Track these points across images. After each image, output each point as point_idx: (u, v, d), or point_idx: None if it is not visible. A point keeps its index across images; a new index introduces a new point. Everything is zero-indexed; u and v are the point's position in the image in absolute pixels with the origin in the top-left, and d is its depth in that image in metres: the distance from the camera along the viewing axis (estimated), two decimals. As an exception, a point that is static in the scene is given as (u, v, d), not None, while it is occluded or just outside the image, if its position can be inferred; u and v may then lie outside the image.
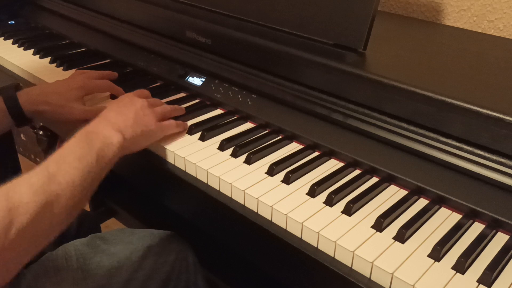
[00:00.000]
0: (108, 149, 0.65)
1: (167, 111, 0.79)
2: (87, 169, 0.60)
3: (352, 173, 0.70)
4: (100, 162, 0.63)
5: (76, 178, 0.59)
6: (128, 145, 0.69)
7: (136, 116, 0.72)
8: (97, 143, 0.64)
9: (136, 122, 0.71)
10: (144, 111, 0.73)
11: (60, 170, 0.58)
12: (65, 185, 0.57)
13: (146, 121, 0.72)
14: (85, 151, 0.62)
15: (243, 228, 0.67)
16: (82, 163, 0.60)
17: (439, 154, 0.65)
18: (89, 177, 0.60)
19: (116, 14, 1.10)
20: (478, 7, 1.00)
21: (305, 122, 0.77)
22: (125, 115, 0.71)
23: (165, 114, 0.78)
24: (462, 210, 0.62)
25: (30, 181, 0.54)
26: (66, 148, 0.62)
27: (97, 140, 0.65)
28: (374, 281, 0.55)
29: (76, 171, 0.59)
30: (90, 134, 0.65)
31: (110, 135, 0.66)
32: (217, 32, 0.89)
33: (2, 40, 1.21)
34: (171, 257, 0.80)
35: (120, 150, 0.67)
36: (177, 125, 0.78)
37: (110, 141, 0.66)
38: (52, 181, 0.56)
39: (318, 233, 0.58)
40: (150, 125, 0.73)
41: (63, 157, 0.60)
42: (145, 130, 0.72)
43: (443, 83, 0.69)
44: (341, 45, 0.77)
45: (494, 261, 0.55)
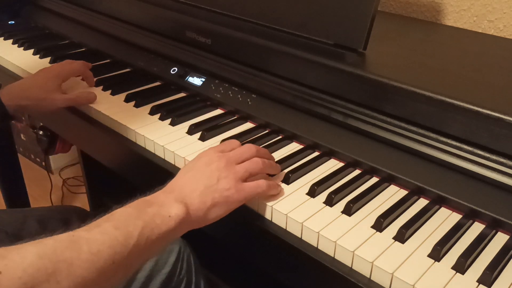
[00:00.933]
0: (163, 222, 0.53)
1: (257, 167, 0.63)
2: (123, 240, 0.49)
3: (352, 173, 0.70)
4: (146, 235, 0.51)
5: (104, 249, 0.47)
6: (195, 218, 0.57)
7: (208, 181, 0.59)
8: (149, 212, 0.53)
9: (207, 188, 0.58)
10: (221, 173, 0.60)
11: (88, 236, 0.47)
12: (87, 254, 0.46)
13: (221, 187, 0.59)
14: (129, 218, 0.51)
15: (243, 228, 0.67)
16: (120, 231, 0.49)
17: (439, 154, 0.65)
18: (124, 251, 0.48)
19: (116, 14, 1.10)
20: (478, 7, 1.00)
21: (305, 122, 0.77)
22: (195, 182, 0.59)
23: (252, 173, 0.63)
24: (462, 210, 0.62)
25: (44, 242, 0.45)
26: (111, 213, 0.52)
27: (150, 208, 0.53)
28: (374, 281, 0.55)
29: (108, 239, 0.48)
30: (145, 201, 0.55)
31: (169, 206, 0.55)
32: (217, 32, 0.89)
33: (2, 40, 1.21)
34: (171, 257, 0.80)
35: (180, 225, 0.54)
36: (268, 186, 0.62)
37: (167, 213, 0.54)
38: (71, 247, 0.45)
39: (318, 233, 0.58)
40: (227, 190, 0.59)
41: (100, 222, 0.50)
42: (218, 200, 0.58)
43: (443, 83, 0.69)
44: (341, 45, 0.76)
45: (494, 261, 0.55)
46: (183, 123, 0.83)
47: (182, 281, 0.81)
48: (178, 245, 0.82)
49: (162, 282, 0.78)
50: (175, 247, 0.82)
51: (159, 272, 0.78)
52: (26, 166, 1.89)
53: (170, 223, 0.53)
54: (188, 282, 0.82)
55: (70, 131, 1.02)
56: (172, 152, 0.75)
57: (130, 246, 0.49)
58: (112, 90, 0.93)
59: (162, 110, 0.85)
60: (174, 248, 0.82)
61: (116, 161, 0.91)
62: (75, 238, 0.47)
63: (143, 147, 0.80)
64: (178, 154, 0.74)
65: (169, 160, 0.76)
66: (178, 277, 0.81)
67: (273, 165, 0.67)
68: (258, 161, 0.64)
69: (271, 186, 0.63)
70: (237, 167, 0.61)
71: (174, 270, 0.80)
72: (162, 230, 0.53)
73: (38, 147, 1.65)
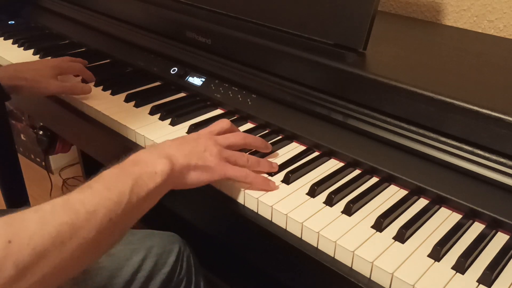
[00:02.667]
0: (149, 178, 0.55)
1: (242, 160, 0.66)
2: (116, 199, 0.51)
3: (352, 173, 0.70)
4: (136, 193, 0.53)
5: (100, 208, 0.49)
6: (177, 176, 0.59)
7: (194, 148, 0.62)
8: (136, 170, 0.55)
9: (192, 153, 0.61)
10: (208, 146, 0.63)
11: (81, 197, 0.49)
12: (84, 215, 0.48)
13: (205, 156, 0.62)
14: (118, 178, 0.53)
15: (243, 228, 0.67)
16: (111, 191, 0.51)
17: (439, 154, 0.65)
18: (118, 209, 0.51)
19: (116, 14, 1.10)
20: (478, 7, 1.00)
21: (305, 122, 0.77)
22: (181, 145, 0.62)
23: (237, 161, 0.65)
24: (462, 210, 0.62)
25: (43, 208, 0.47)
26: (99, 175, 0.54)
27: (137, 167, 0.56)
28: (374, 281, 0.55)
29: (102, 200, 0.50)
30: (130, 161, 0.57)
31: (154, 162, 0.57)
32: (217, 32, 0.89)
33: (2, 40, 1.21)
34: (171, 258, 0.80)
35: (165, 181, 0.57)
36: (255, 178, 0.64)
37: (153, 169, 0.56)
38: (68, 209, 0.47)
39: (318, 233, 0.58)
40: (209, 161, 0.62)
41: (91, 183, 0.52)
42: (200, 164, 0.61)
43: (443, 83, 0.69)
44: (341, 45, 0.76)
45: (494, 261, 0.55)
46: (183, 123, 0.83)
47: (182, 281, 0.81)
48: (178, 245, 0.82)
49: (162, 282, 0.78)
50: (175, 247, 0.82)
51: (159, 272, 0.79)
52: (26, 166, 1.89)
53: (156, 179, 0.56)
54: (188, 282, 0.82)
55: (70, 131, 1.02)
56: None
57: (123, 204, 0.52)
58: (112, 90, 0.93)
59: (162, 110, 0.85)
60: (174, 248, 0.82)
61: (116, 161, 0.91)
62: (70, 201, 0.49)
63: (143, 147, 0.80)
64: (178, 154, 0.74)
65: (169, 160, 0.76)
66: (178, 277, 0.81)
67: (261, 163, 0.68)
68: (244, 155, 0.67)
69: (252, 178, 0.64)
70: (224, 149, 0.65)
71: (174, 270, 0.80)
72: (150, 186, 0.55)
73: (38, 147, 1.65)
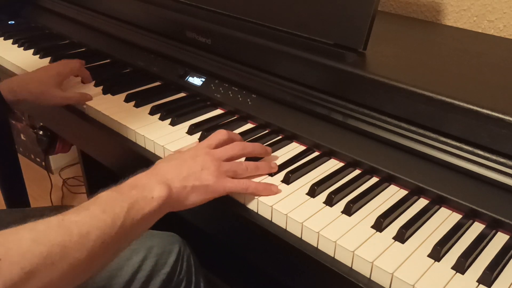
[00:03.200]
0: (146, 203, 0.56)
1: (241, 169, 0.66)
2: (110, 221, 0.51)
3: (352, 173, 0.70)
4: (131, 216, 0.54)
5: (93, 231, 0.49)
6: (175, 200, 0.60)
7: (191, 168, 0.62)
8: (133, 194, 0.55)
9: (189, 174, 0.61)
10: (205, 164, 0.63)
11: (76, 219, 0.49)
12: (77, 236, 0.48)
13: (202, 175, 0.62)
14: (115, 201, 0.54)
15: (243, 228, 0.67)
16: (106, 214, 0.52)
17: (439, 154, 0.65)
18: (112, 232, 0.51)
19: (116, 14, 1.10)
20: (478, 7, 1.00)
21: (305, 122, 0.77)
22: (179, 167, 0.62)
23: (236, 173, 0.65)
24: (462, 210, 0.62)
25: (37, 228, 0.47)
26: (96, 196, 0.54)
27: (134, 191, 0.56)
28: (374, 281, 0.55)
29: (96, 222, 0.50)
30: (128, 185, 0.58)
31: (152, 187, 0.57)
32: (217, 32, 0.89)
33: (2, 40, 1.21)
34: (171, 258, 0.80)
35: (161, 206, 0.57)
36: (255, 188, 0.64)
37: (150, 194, 0.56)
38: (62, 230, 0.48)
39: (318, 233, 0.58)
40: (206, 181, 0.62)
41: (87, 204, 0.52)
42: (197, 185, 0.61)
43: (443, 83, 0.69)
44: (341, 45, 0.76)
45: (494, 261, 0.55)
46: (183, 123, 0.83)
47: (182, 281, 0.82)
48: (178, 245, 0.82)
49: (162, 282, 0.78)
50: (175, 247, 0.82)
51: (159, 272, 0.79)
52: (26, 166, 1.89)
53: (153, 204, 0.56)
54: (188, 282, 0.82)
55: (70, 131, 1.02)
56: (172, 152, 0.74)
57: (117, 227, 0.52)
58: (112, 90, 0.93)
59: (162, 110, 0.85)
60: (174, 248, 0.82)
61: (116, 161, 0.91)
62: (65, 222, 0.49)
63: (143, 147, 0.80)
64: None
65: (169, 160, 0.76)
66: (178, 277, 0.81)
67: (260, 167, 0.68)
68: (242, 164, 0.66)
69: (253, 188, 0.64)
70: (222, 163, 0.65)
71: (174, 270, 0.80)
72: (145, 211, 0.56)
73: (38, 147, 1.65)
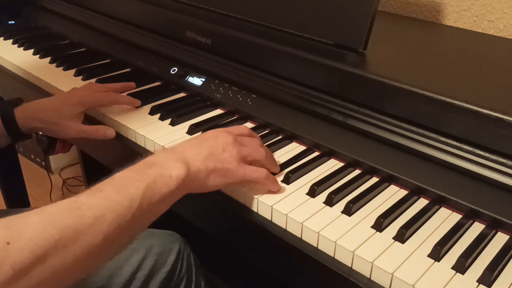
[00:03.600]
0: (163, 183, 0.53)
1: (260, 156, 0.64)
2: (126, 203, 0.49)
3: (352, 173, 0.70)
4: (148, 198, 0.51)
5: (108, 213, 0.47)
6: (193, 181, 0.57)
7: (213, 149, 0.59)
8: (151, 173, 0.52)
9: (211, 155, 0.59)
10: (227, 146, 0.61)
11: (90, 200, 0.47)
12: (91, 219, 0.46)
13: (224, 157, 0.59)
14: (130, 181, 0.51)
15: (243, 228, 0.67)
16: (122, 195, 0.49)
17: (439, 154, 0.65)
18: (128, 214, 0.48)
19: (116, 14, 1.10)
20: (478, 7, 1.00)
21: (305, 122, 0.77)
22: (200, 147, 0.59)
23: (254, 158, 0.64)
24: (462, 210, 0.62)
25: (46, 210, 0.45)
26: (111, 177, 0.52)
27: (151, 169, 0.53)
28: (374, 281, 0.55)
29: (111, 204, 0.48)
30: (146, 163, 0.55)
31: (170, 166, 0.54)
32: (217, 32, 0.89)
33: (2, 40, 1.21)
34: (171, 257, 0.80)
35: (180, 186, 0.54)
36: (267, 176, 0.62)
37: (168, 173, 0.53)
38: (74, 212, 0.45)
39: (318, 233, 0.58)
40: (228, 163, 0.59)
41: (101, 186, 0.50)
42: (219, 167, 0.59)
43: (443, 83, 0.69)
44: (341, 45, 0.76)
45: (494, 261, 0.55)
46: (183, 123, 0.83)
47: (182, 280, 0.82)
48: (178, 244, 0.82)
49: (162, 281, 0.79)
50: (175, 246, 0.82)
51: (159, 271, 0.79)
52: (26, 166, 1.89)
53: (171, 184, 0.53)
54: (188, 281, 0.82)
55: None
56: (172, 152, 0.74)
57: (134, 209, 0.49)
58: (112, 90, 0.93)
59: (162, 110, 0.85)
60: (174, 247, 0.82)
61: (116, 161, 0.91)
62: (78, 204, 0.47)
63: (143, 147, 0.80)
64: (178, 154, 0.74)
65: (169, 160, 0.76)
66: (178, 276, 0.81)
67: (274, 161, 0.68)
68: (262, 150, 0.65)
69: (270, 179, 0.63)
70: (242, 147, 0.63)
71: (174, 269, 0.80)
72: (163, 191, 0.53)
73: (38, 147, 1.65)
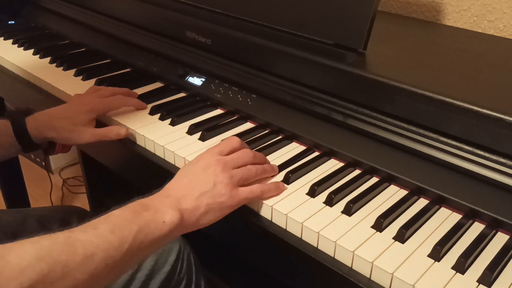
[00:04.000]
0: (157, 227, 0.54)
1: (250, 175, 0.64)
2: (117, 244, 0.50)
3: (352, 173, 0.70)
4: (139, 240, 0.52)
5: (98, 252, 0.48)
6: (188, 224, 0.58)
7: (204, 187, 0.59)
8: (145, 216, 0.54)
9: (203, 194, 0.59)
10: (217, 177, 0.60)
11: (83, 238, 0.48)
12: (81, 257, 0.47)
13: (216, 191, 0.60)
14: (125, 222, 0.52)
15: (243, 228, 0.67)
16: (114, 234, 0.50)
17: (439, 154, 0.65)
18: (117, 255, 0.50)
19: (116, 14, 1.10)
20: (478, 7, 1.00)
21: (305, 122, 0.77)
22: (190, 187, 0.59)
23: (248, 179, 0.63)
24: (462, 210, 0.62)
25: (41, 242, 0.46)
26: (108, 214, 0.53)
27: (146, 213, 0.54)
28: (374, 281, 0.55)
29: (103, 243, 0.49)
30: (141, 205, 0.56)
31: (164, 211, 0.56)
32: (217, 32, 0.89)
33: (2, 40, 1.21)
34: (171, 257, 0.80)
35: (172, 230, 0.56)
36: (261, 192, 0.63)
37: (162, 218, 0.55)
38: (67, 248, 0.46)
39: (318, 233, 0.58)
40: (221, 196, 0.60)
41: (97, 223, 0.51)
42: (211, 204, 0.59)
43: (443, 83, 0.69)
44: (341, 45, 0.76)
45: (494, 261, 0.55)
46: (183, 123, 0.83)
47: (182, 280, 0.82)
48: (178, 244, 0.82)
49: (162, 281, 0.79)
50: (175, 246, 0.82)
51: (159, 271, 0.79)
52: (26, 166, 1.89)
53: (164, 229, 0.55)
54: (188, 281, 0.82)
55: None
56: (172, 152, 0.75)
57: (124, 250, 0.51)
58: (112, 90, 0.93)
59: (162, 110, 0.85)
60: (174, 247, 0.82)
61: (116, 161, 0.91)
62: (71, 240, 0.48)
63: (143, 147, 0.80)
64: (178, 154, 0.74)
65: (169, 160, 0.76)
66: (178, 276, 0.81)
67: (267, 170, 0.67)
68: (251, 169, 0.64)
69: (265, 191, 0.64)
70: (233, 172, 0.62)
71: (174, 269, 0.80)
72: (155, 235, 0.54)
73: (38, 147, 1.65)
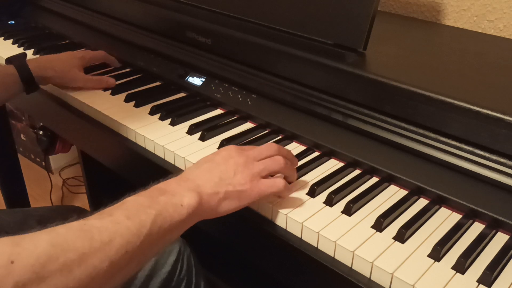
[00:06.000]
0: (175, 211, 0.52)
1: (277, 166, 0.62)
2: (135, 230, 0.48)
3: (352, 173, 0.70)
4: (158, 224, 0.50)
5: (116, 238, 0.46)
6: (205, 209, 0.56)
7: (224, 174, 0.58)
8: (162, 200, 0.53)
9: (222, 180, 0.58)
10: (238, 167, 0.59)
11: (99, 224, 0.47)
12: (98, 244, 0.45)
13: (236, 180, 0.58)
14: (141, 207, 0.51)
15: (242, 228, 0.67)
16: (132, 220, 0.48)
17: (439, 154, 0.65)
18: (137, 241, 0.48)
19: (116, 14, 1.10)
20: (478, 7, 1.00)
21: (305, 122, 0.77)
22: (210, 173, 0.59)
23: (270, 170, 0.62)
24: (462, 210, 0.62)
25: (56, 230, 0.45)
26: (122, 201, 0.52)
27: (164, 197, 0.53)
28: (374, 281, 0.55)
29: (120, 229, 0.47)
30: (158, 189, 0.55)
31: (182, 194, 0.54)
32: (217, 32, 0.89)
33: (2, 40, 1.21)
34: (172, 257, 0.80)
35: (191, 215, 0.54)
36: (285, 186, 0.61)
37: (180, 202, 0.53)
38: (83, 235, 0.45)
39: (318, 233, 0.58)
40: (241, 185, 0.58)
41: (112, 210, 0.50)
42: (231, 191, 0.58)
43: (443, 83, 0.69)
44: (341, 45, 0.76)
45: (494, 261, 0.55)
46: (183, 123, 0.83)
47: (183, 281, 0.82)
48: (178, 245, 0.82)
49: (162, 281, 0.79)
50: (175, 247, 0.82)
51: (159, 272, 0.79)
52: (26, 166, 1.89)
53: (182, 212, 0.53)
54: (188, 282, 0.82)
55: (70, 131, 1.02)
56: (172, 152, 0.75)
57: (143, 235, 0.49)
58: (112, 90, 0.93)
59: (162, 110, 0.85)
60: (174, 248, 0.82)
61: (116, 161, 0.91)
62: (86, 227, 0.46)
63: (143, 147, 0.80)
64: (178, 154, 0.74)
65: (169, 160, 0.76)
66: (178, 277, 0.81)
67: (293, 167, 0.65)
68: (280, 159, 0.62)
69: (288, 188, 0.62)
70: (255, 164, 0.61)
71: (174, 269, 0.80)
72: (174, 219, 0.52)
73: (38, 147, 1.65)
